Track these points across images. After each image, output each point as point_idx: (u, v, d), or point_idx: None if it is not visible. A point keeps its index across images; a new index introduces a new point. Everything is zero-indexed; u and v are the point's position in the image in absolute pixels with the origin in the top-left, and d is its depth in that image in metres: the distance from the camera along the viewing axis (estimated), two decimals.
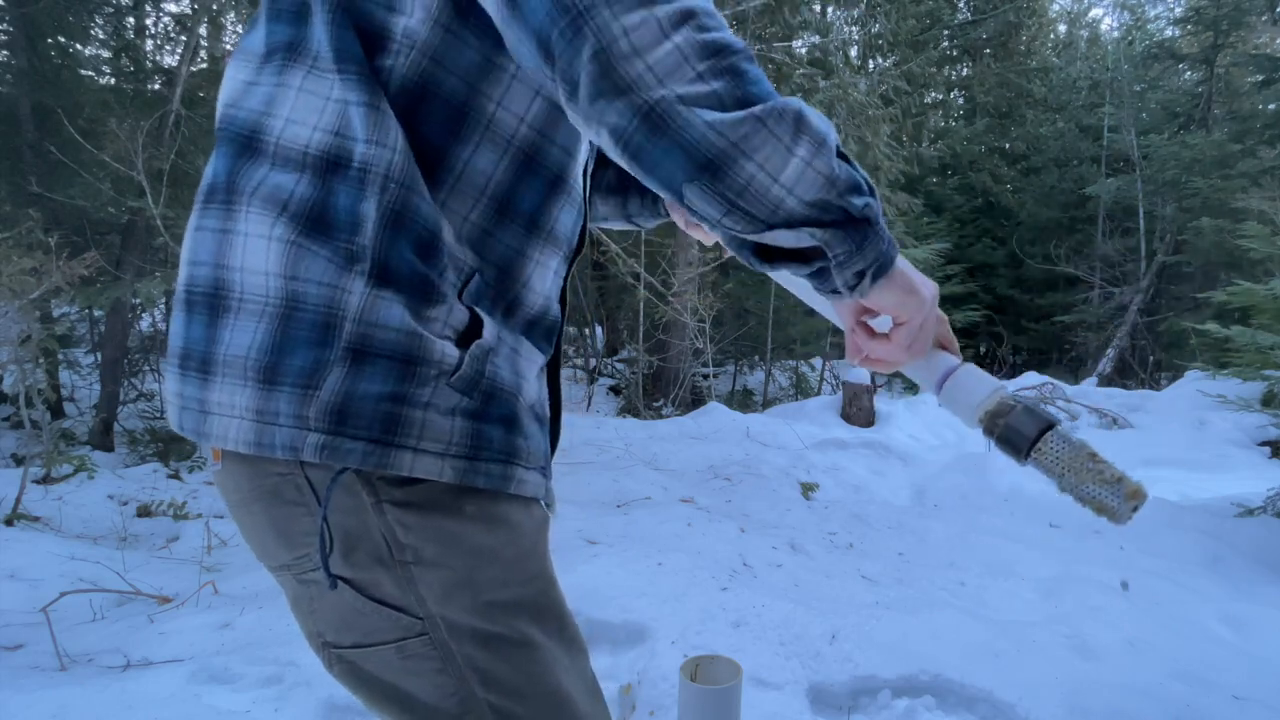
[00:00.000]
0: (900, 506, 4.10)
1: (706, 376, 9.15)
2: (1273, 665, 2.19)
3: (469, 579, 0.68)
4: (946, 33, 14.69)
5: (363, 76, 0.65)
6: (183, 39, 6.04)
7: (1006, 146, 15.28)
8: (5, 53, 5.77)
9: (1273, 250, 4.20)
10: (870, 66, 10.89)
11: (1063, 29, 17.93)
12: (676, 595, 2.37)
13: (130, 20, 6.38)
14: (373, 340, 0.64)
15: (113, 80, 6.35)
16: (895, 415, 6.39)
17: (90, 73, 6.34)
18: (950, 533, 3.43)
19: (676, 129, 0.58)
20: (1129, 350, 11.38)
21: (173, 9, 6.81)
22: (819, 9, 10.30)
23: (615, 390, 9.39)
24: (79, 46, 6.13)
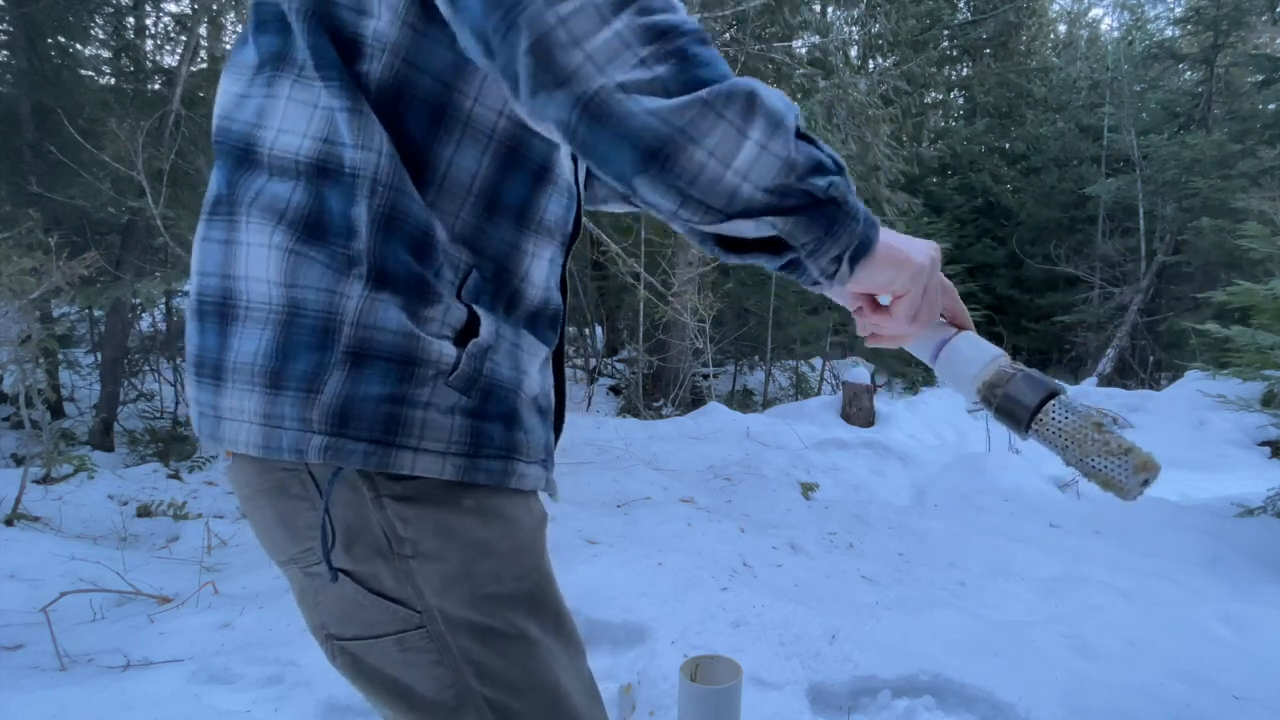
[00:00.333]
0: (900, 506, 4.10)
1: (706, 376, 9.15)
2: (1273, 665, 2.19)
3: (465, 572, 0.69)
4: (946, 33, 14.67)
5: (344, 83, 0.65)
6: (183, 39, 6.04)
7: (1006, 146, 15.27)
8: (5, 53, 5.77)
9: (1273, 250, 4.19)
10: (870, 66, 10.88)
11: (1063, 29, 17.94)
12: (676, 595, 2.37)
13: (130, 20, 6.38)
14: (371, 343, 0.65)
15: (113, 80, 6.34)
16: (895, 415, 6.40)
17: (90, 73, 6.34)
18: (950, 533, 3.43)
19: (619, 118, 0.55)
20: (1129, 350, 11.38)
21: (173, 9, 6.82)
22: (819, 9, 10.28)
23: (615, 390, 9.39)
24: (79, 46, 6.12)
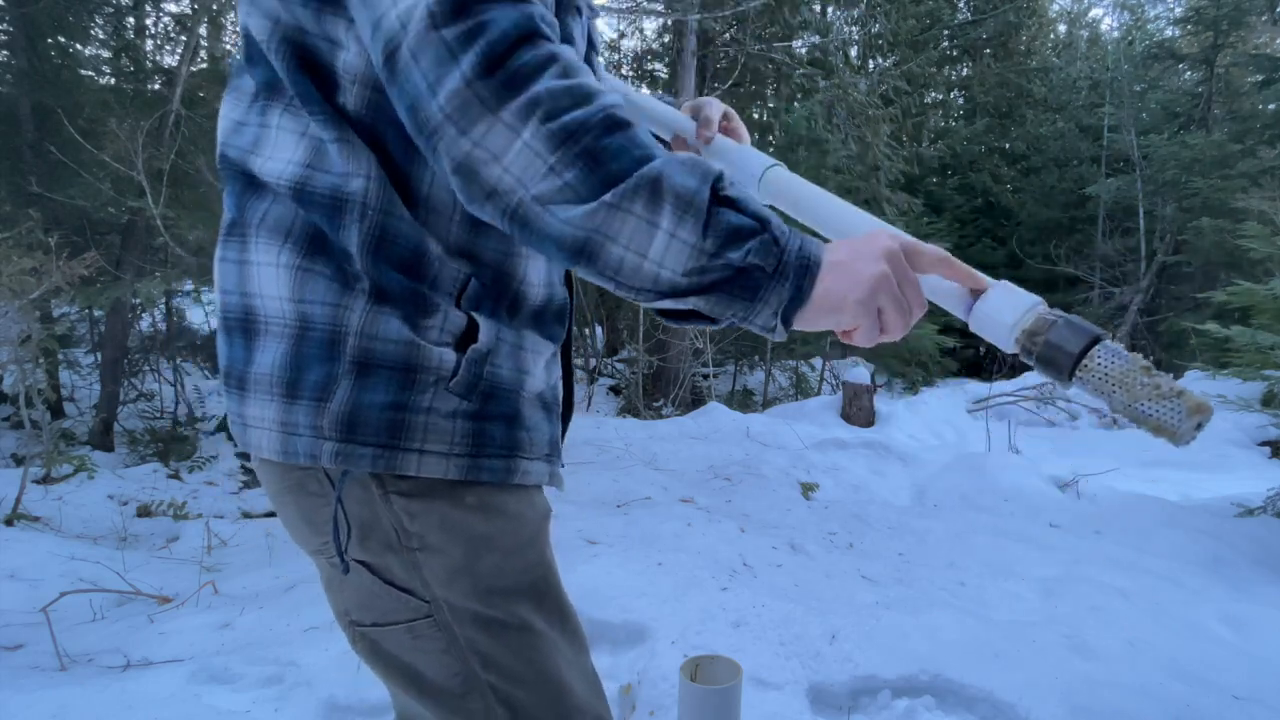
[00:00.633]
0: (900, 506, 4.10)
1: (706, 376, 9.15)
2: (1273, 665, 2.19)
3: (469, 565, 0.73)
4: (946, 33, 14.65)
5: (329, 115, 0.68)
6: (183, 39, 6.03)
7: (1006, 146, 15.24)
8: (5, 53, 5.76)
9: (1273, 250, 4.19)
10: (870, 66, 10.88)
11: (1063, 29, 17.91)
12: (676, 595, 2.37)
13: (130, 20, 6.37)
14: (374, 353, 0.69)
15: (113, 80, 6.33)
16: (895, 415, 6.39)
17: (90, 73, 6.32)
18: (950, 533, 3.43)
19: (540, 228, 0.60)
20: (1129, 350, 11.36)
21: (173, 9, 6.78)
22: (819, 9, 10.28)
23: (615, 390, 9.38)
24: (79, 46, 6.11)
